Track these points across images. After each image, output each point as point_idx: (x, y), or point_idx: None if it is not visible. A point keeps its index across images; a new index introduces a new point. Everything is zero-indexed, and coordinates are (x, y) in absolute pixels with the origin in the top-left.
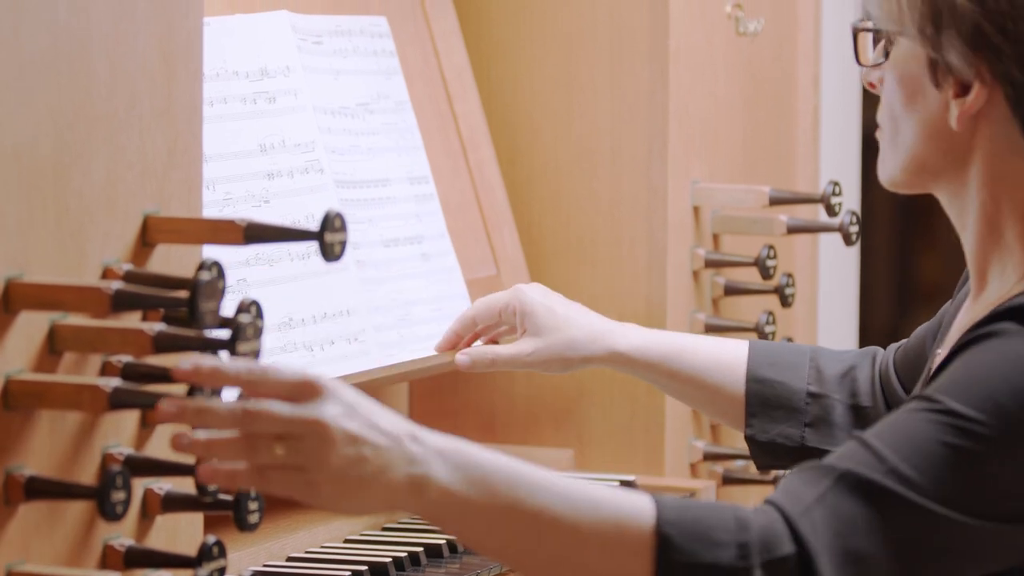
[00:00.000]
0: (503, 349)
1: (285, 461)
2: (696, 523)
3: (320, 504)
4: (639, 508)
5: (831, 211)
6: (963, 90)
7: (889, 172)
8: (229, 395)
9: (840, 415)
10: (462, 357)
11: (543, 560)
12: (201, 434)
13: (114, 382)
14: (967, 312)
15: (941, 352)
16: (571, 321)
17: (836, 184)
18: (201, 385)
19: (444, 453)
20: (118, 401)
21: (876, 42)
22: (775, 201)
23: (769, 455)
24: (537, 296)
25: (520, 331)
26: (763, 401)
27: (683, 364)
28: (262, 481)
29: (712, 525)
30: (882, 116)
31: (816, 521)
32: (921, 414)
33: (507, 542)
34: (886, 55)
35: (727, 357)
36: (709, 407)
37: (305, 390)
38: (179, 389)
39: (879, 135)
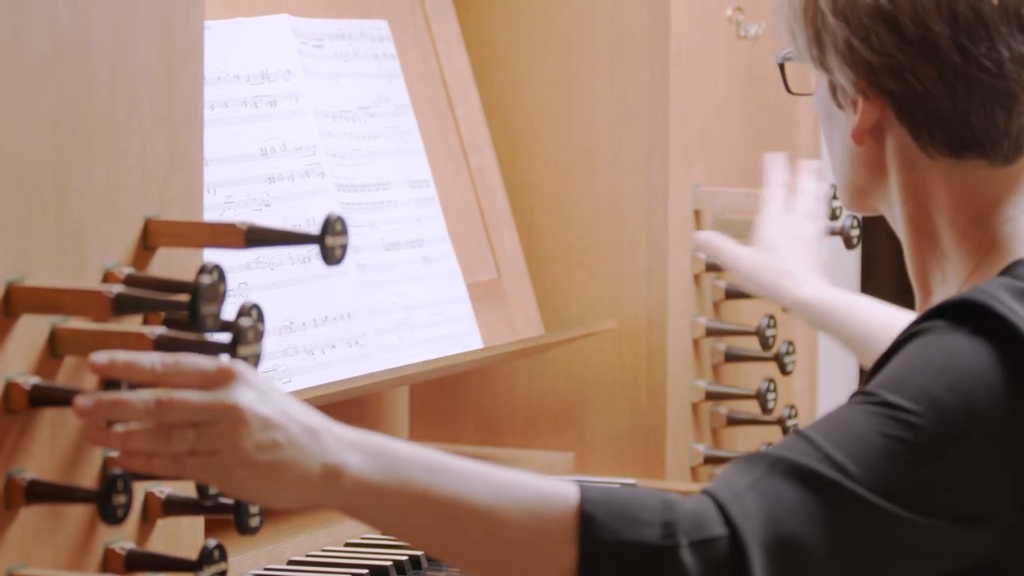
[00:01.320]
0: (731, 246)
1: (197, 446)
2: (621, 503)
3: (234, 492)
4: (562, 490)
5: (832, 215)
6: (856, 108)
7: (839, 197)
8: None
9: None
10: (701, 235)
11: (463, 546)
12: (119, 427)
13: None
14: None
15: None
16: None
17: (835, 186)
18: (116, 378)
19: (358, 444)
20: (37, 399)
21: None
22: None
23: None
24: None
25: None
26: None
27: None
28: (177, 467)
29: (638, 506)
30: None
31: (748, 505)
32: (858, 407)
33: (425, 530)
34: (782, 72)
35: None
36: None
37: (219, 377)
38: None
39: None
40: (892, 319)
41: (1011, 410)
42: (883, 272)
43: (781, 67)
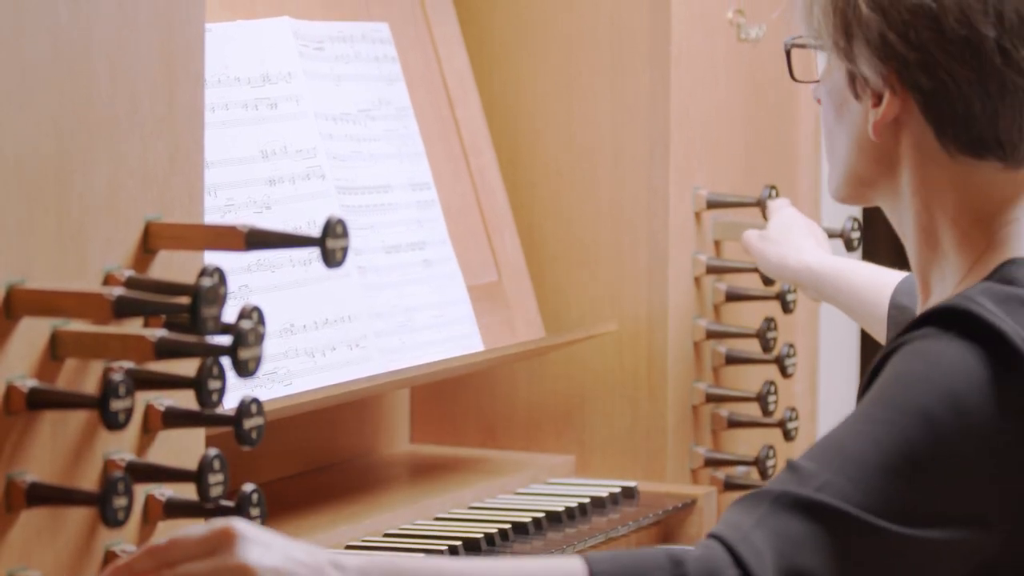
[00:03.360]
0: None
1: None
2: (629, 569)
3: None
4: (569, 567)
5: (849, 246)
6: (879, 100)
7: (833, 186)
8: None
9: None
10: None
11: None
12: None
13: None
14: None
15: None
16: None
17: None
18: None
19: (366, 571)
20: (35, 402)
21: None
22: None
23: None
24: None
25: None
26: (898, 326)
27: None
28: None
29: (646, 566)
30: (822, 131)
31: (756, 544)
32: (850, 426)
33: None
34: (788, 60)
35: (883, 281)
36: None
37: (219, 541)
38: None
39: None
40: (885, 278)
41: (999, 410)
42: None
43: (787, 53)
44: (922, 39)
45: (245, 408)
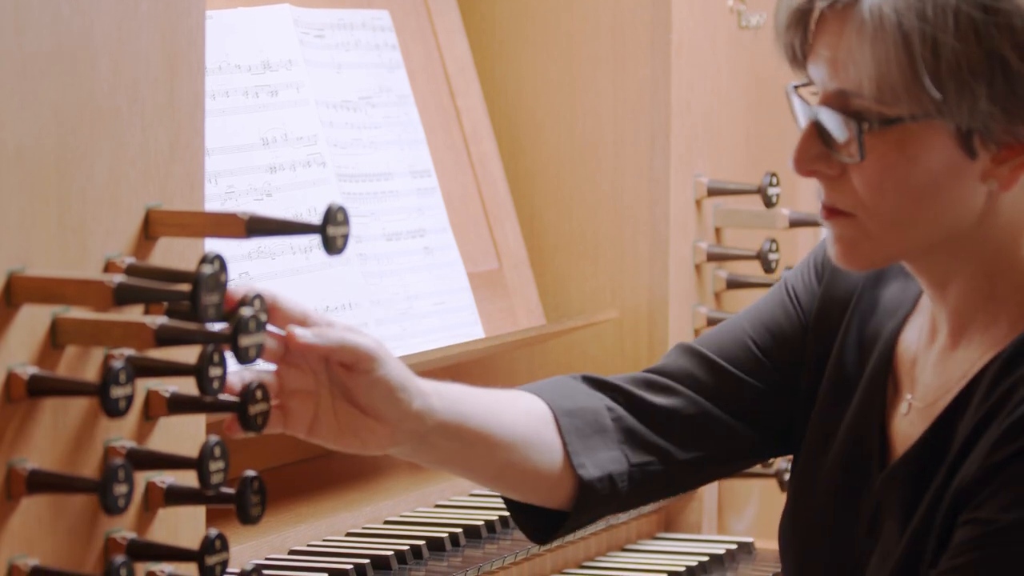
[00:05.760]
0: None
1: None
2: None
3: None
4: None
5: None
6: (1002, 153)
7: (877, 257)
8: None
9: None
10: None
11: None
12: None
13: None
14: (944, 362)
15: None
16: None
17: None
18: None
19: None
20: (35, 389)
21: (848, 126)
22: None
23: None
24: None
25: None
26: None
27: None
28: None
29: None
30: (854, 204)
31: None
32: (994, 549)
33: None
34: (859, 138)
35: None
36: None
37: None
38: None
39: (839, 224)
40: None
41: None
42: None
43: (859, 135)
44: None
45: (250, 394)
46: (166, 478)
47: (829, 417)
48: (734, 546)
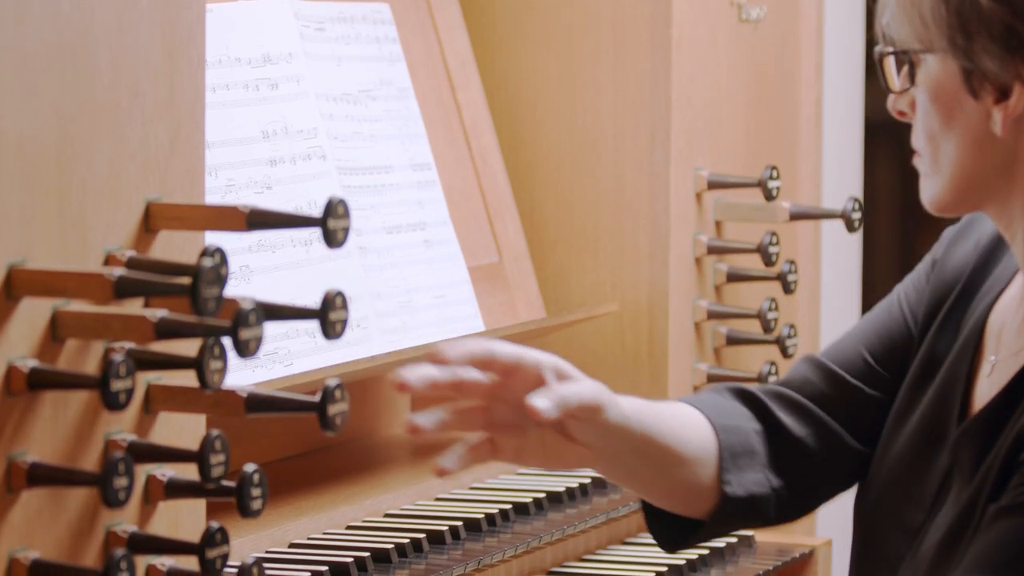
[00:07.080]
0: None
1: None
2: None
3: None
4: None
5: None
6: (1002, 94)
7: (936, 195)
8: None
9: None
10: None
11: None
12: None
13: None
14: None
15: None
16: None
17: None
18: None
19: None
20: (35, 382)
21: (899, 67)
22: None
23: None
24: None
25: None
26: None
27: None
28: None
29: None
30: (918, 141)
31: None
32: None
33: None
34: (912, 78)
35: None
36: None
37: None
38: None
39: (917, 162)
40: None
41: None
42: (883, 255)
43: (880, 61)
44: None
45: (329, 394)
46: (167, 471)
47: (915, 394)
48: (734, 539)
